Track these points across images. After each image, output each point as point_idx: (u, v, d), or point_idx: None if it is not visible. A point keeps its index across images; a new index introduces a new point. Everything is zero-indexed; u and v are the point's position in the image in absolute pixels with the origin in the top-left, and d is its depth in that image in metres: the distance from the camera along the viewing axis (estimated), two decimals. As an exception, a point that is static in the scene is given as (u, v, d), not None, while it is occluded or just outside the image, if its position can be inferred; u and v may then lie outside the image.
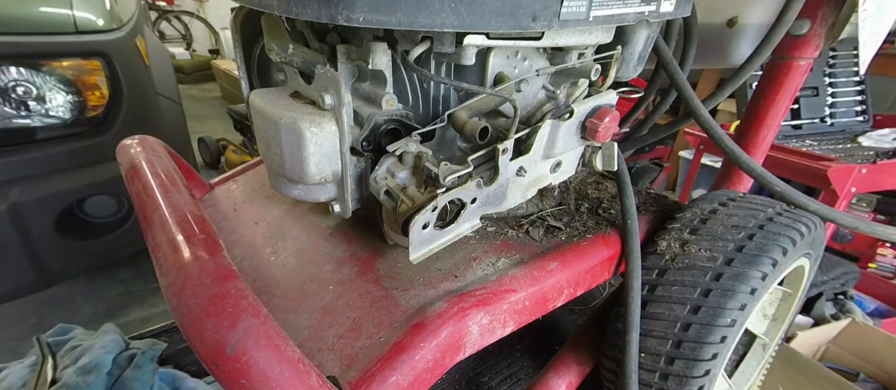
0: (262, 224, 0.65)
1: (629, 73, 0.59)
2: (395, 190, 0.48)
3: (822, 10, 0.71)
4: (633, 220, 0.58)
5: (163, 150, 0.66)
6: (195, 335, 0.35)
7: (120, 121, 1.18)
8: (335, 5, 0.34)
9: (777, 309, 0.88)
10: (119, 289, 1.61)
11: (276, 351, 0.35)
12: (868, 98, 1.72)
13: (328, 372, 0.42)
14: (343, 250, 0.58)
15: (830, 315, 1.55)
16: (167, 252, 0.41)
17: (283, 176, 0.48)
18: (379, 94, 0.48)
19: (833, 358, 1.38)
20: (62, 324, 0.95)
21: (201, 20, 5.26)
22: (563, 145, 0.49)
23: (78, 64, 1.08)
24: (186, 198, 0.52)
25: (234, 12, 0.56)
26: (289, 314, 0.49)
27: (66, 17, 1.07)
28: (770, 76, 0.80)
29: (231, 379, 0.33)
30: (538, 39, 0.45)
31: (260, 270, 0.56)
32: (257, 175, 0.79)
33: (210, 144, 2.66)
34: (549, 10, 0.36)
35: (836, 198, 1.30)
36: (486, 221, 0.61)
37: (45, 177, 1.09)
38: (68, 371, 0.79)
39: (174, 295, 0.36)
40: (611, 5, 0.40)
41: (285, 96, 0.48)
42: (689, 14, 0.51)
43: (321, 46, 0.51)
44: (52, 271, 1.17)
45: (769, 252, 0.58)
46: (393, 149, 0.47)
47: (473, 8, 0.34)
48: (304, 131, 0.42)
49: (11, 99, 1.02)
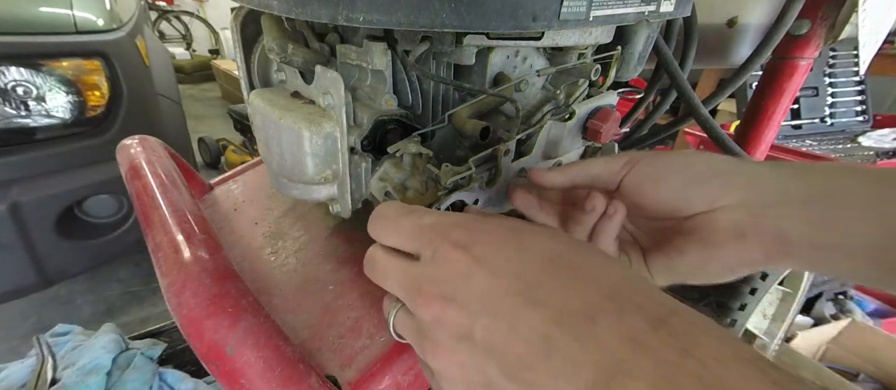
0: (262, 224, 0.65)
1: (629, 73, 0.59)
2: (395, 191, 0.48)
3: (822, 10, 0.71)
4: (633, 220, 0.58)
5: (163, 150, 0.66)
6: (195, 335, 0.35)
7: (120, 121, 1.18)
8: (335, 5, 0.34)
9: (777, 309, 0.88)
10: (119, 289, 1.61)
11: (276, 351, 0.35)
12: (868, 98, 1.72)
13: (328, 372, 0.42)
14: (343, 250, 0.58)
15: (830, 315, 1.55)
16: (167, 252, 0.41)
17: (283, 175, 0.48)
18: (379, 94, 0.48)
19: (833, 358, 1.38)
20: (62, 324, 0.95)
21: (201, 20, 5.26)
22: (563, 146, 0.49)
23: (78, 64, 1.08)
24: (186, 198, 0.52)
25: (234, 12, 0.56)
26: (289, 314, 0.49)
27: (66, 17, 1.07)
28: (770, 76, 0.80)
29: (231, 379, 0.33)
30: (538, 39, 0.45)
31: (260, 270, 0.56)
32: (257, 175, 0.79)
33: (210, 144, 2.66)
34: (549, 10, 0.36)
35: (836, 198, 1.30)
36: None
37: (45, 177, 1.09)
38: (68, 371, 0.79)
39: (174, 296, 0.36)
40: (611, 5, 0.40)
41: (285, 96, 0.48)
42: (689, 14, 0.51)
43: (321, 46, 0.51)
44: (52, 271, 1.17)
45: (769, 252, 0.58)
46: (393, 149, 0.47)
47: (473, 8, 0.34)
48: (303, 131, 0.42)
49: (11, 99, 1.02)
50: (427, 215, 0.27)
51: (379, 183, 0.49)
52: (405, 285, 0.25)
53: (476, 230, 0.24)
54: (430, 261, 0.24)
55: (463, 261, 0.23)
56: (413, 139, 0.47)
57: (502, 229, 0.24)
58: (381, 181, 0.49)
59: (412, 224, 0.27)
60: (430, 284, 0.23)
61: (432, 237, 0.25)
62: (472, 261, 0.23)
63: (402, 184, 0.49)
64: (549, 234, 0.24)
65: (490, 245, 0.23)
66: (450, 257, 0.23)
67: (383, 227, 0.28)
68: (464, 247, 0.23)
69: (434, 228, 0.25)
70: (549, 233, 0.24)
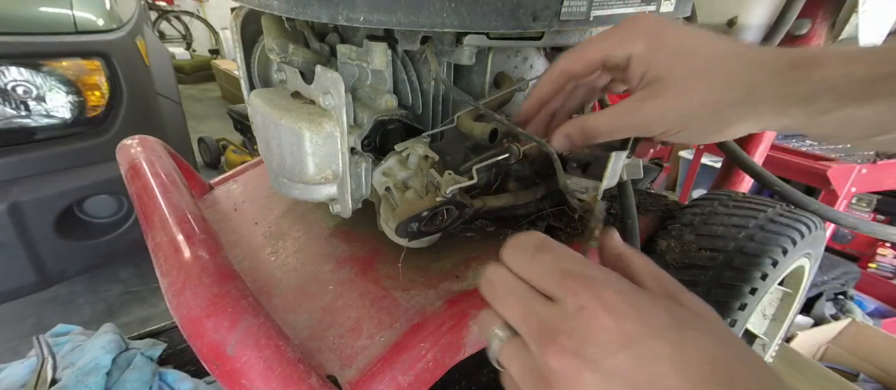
0: (262, 224, 0.65)
1: (629, 73, 0.59)
2: (396, 188, 0.48)
3: (822, 10, 0.71)
4: (634, 220, 0.58)
5: (163, 150, 0.66)
6: (195, 335, 0.35)
7: (120, 121, 1.18)
8: (335, 5, 0.34)
9: (777, 309, 0.88)
10: (119, 289, 1.61)
11: (276, 351, 0.35)
12: (868, 98, 1.72)
13: (328, 372, 0.42)
14: (343, 250, 0.58)
15: (830, 315, 1.56)
16: (167, 252, 0.41)
17: (283, 175, 0.48)
18: (379, 94, 0.48)
19: (833, 358, 1.38)
20: (62, 324, 0.95)
21: (201, 20, 5.25)
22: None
23: (78, 64, 1.08)
24: (186, 198, 0.52)
25: (235, 12, 0.56)
26: (289, 314, 0.49)
27: (66, 17, 1.07)
28: (770, 76, 0.80)
29: (231, 379, 0.33)
30: (538, 39, 0.45)
31: (260, 270, 0.56)
32: (257, 175, 0.79)
33: (210, 144, 2.66)
34: (549, 10, 0.36)
35: (836, 198, 1.30)
36: (487, 221, 0.61)
37: (45, 177, 1.09)
38: (68, 371, 0.79)
39: (174, 296, 0.36)
40: (611, 5, 0.40)
41: (285, 96, 0.48)
42: (688, 14, 0.51)
43: (321, 46, 0.51)
44: (52, 271, 1.17)
45: (769, 252, 0.58)
46: (400, 148, 0.47)
47: (474, 8, 0.34)
48: (304, 131, 0.42)
49: (11, 99, 1.02)
50: (569, 259, 0.26)
51: (382, 177, 0.49)
52: (534, 325, 0.25)
53: (634, 303, 0.23)
54: (572, 315, 0.23)
55: (613, 331, 0.22)
56: (421, 140, 0.48)
57: (664, 314, 0.23)
58: (384, 176, 0.49)
59: (552, 264, 0.26)
60: (568, 338, 0.23)
61: (579, 289, 0.24)
62: (624, 335, 0.22)
63: (404, 183, 0.49)
64: (711, 332, 0.23)
65: (648, 326, 0.22)
66: (598, 320, 0.23)
67: (517, 257, 0.28)
68: (618, 316, 0.22)
69: (583, 280, 0.24)
70: (711, 331, 0.23)
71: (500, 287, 0.27)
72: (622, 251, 0.31)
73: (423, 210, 0.43)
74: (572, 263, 0.26)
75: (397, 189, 0.48)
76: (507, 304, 0.27)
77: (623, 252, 0.31)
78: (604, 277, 0.25)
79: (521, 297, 0.26)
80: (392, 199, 0.48)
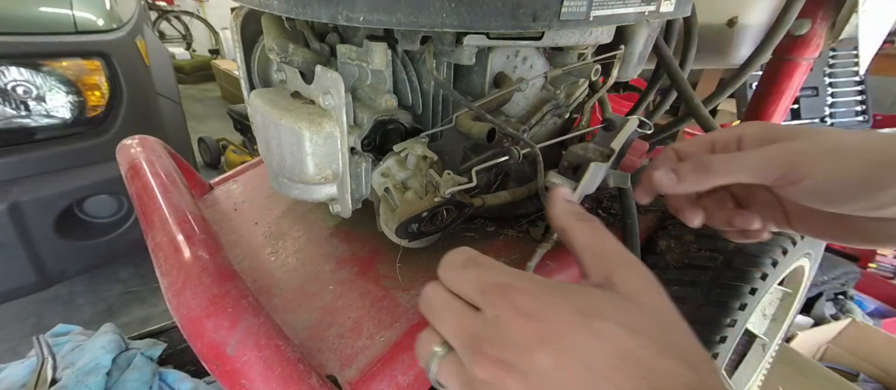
0: (262, 224, 0.65)
1: (629, 73, 0.59)
2: (395, 189, 0.48)
3: (822, 10, 0.71)
4: (634, 220, 0.58)
5: (163, 150, 0.66)
6: (195, 335, 0.35)
7: (120, 121, 1.18)
8: (335, 5, 0.34)
9: (777, 310, 0.88)
10: (119, 289, 1.61)
11: (276, 351, 0.35)
12: (868, 98, 1.72)
13: (328, 372, 0.42)
14: (343, 250, 0.58)
15: (830, 315, 1.56)
16: (167, 252, 0.41)
17: (283, 175, 0.48)
18: (379, 94, 0.48)
19: (833, 358, 1.38)
20: (62, 324, 0.95)
21: (201, 20, 5.25)
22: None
23: (78, 64, 1.08)
24: (186, 198, 0.52)
25: (235, 12, 0.56)
26: (289, 314, 0.49)
27: (66, 17, 1.07)
28: (770, 76, 0.80)
29: (231, 379, 0.34)
30: (538, 39, 0.45)
31: (260, 270, 0.56)
32: (257, 175, 0.79)
33: (210, 144, 2.66)
34: (549, 9, 0.36)
35: (836, 198, 1.30)
36: (486, 220, 0.61)
37: (45, 177, 1.09)
38: (68, 371, 0.79)
39: (174, 296, 0.36)
40: (611, 5, 0.40)
41: (285, 96, 0.48)
42: (689, 14, 0.51)
43: (321, 46, 0.51)
44: (52, 271, 1.17)
45: (769, 252, 0.58)
46: (399, 148, 0.47)
47: (473, 8, 0.34)
48: (304, 131, 0.42)
49: (11, 99, 1.02)
50: (491, 270, 0.27)
51: (380, 178, 0.49)
52: (462, 337, 0.25)
53: (543, 302, 0.24)
54: (492, 322, 0.24)
55: (526, 333, 0.23)
56: (420, 140, 0.47)
57: (571, 309, 0.24)
58: (383, 177, 0.49)
59: (476, 277, 0.27)
60: (489, 345, 0.24)
61: (495, 298, 0.25)
62: (535, 336, 0.23)
63: (403, 183, 0.49)
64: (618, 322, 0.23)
65: (557, 324, 0.23)
66: (512, 324, 0.23)
67: (449, 273, 0.28)
68: (528, 318, 0.23)
69: (499, 289, 0.25)
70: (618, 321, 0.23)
71: (436, 303, 0.28)
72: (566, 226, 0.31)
73: (423, 210, 0.43)
74: (493, 274, 0.26)
75: (396, 190, 0.48)
76: (442, 320, 0.27)
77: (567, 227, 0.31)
78: (517, 282, 0.25)
79: (455, 312, 0.27)
80: (391, 200, 0.48)
